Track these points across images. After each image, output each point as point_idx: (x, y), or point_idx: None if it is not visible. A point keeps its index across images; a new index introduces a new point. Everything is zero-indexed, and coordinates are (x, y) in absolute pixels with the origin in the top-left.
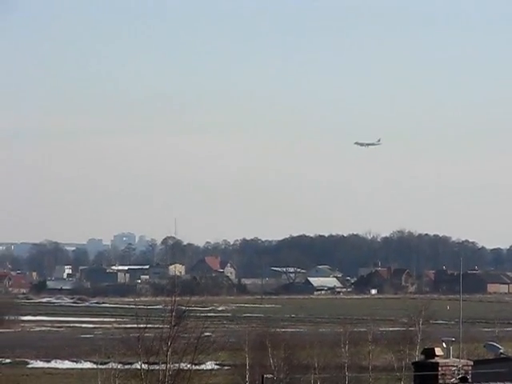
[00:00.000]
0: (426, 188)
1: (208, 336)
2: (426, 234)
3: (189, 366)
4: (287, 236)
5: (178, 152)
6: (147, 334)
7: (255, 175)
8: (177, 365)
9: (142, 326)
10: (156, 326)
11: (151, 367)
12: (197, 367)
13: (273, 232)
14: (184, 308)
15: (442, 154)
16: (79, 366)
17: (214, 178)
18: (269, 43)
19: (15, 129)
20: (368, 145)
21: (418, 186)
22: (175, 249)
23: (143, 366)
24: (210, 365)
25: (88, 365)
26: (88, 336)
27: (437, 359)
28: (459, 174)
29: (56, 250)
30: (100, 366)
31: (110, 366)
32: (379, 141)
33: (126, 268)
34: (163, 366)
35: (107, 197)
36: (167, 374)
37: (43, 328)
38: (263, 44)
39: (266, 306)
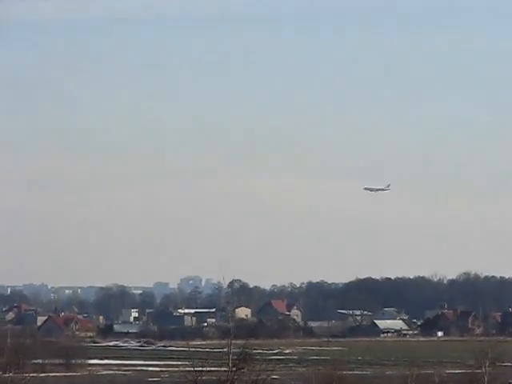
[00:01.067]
0: (492, 230)
1: (266, 378)
2: (493, 276)
3: None
4: (353, 279)
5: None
6: (210, 378)
7: (320, 217)
8: None
9: (198, 369)
10: (214, 368)
11: None
12: None
13: (339, 275)
14: (244, 350)
15: (502, 195)
16: None
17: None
18: None
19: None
20: (378, 190)
21: (484, 227)
22: (242, 292)
23: None
24: None
25: None
26: (155, 379)
27: None
28: None
29: (123, 293)
30: None
31: None
32: (388, 186)
33: (192, 311)
34: None
35: (174, 240)
36: None
37: (110, 372)
38: None
39: (333, 348)
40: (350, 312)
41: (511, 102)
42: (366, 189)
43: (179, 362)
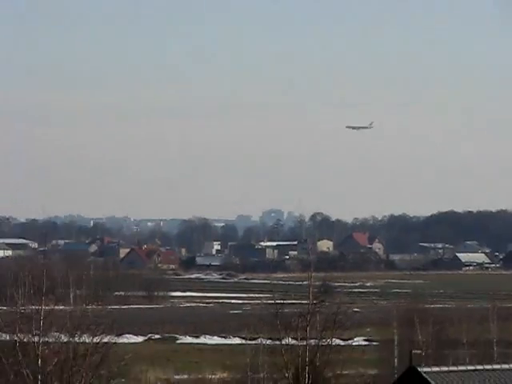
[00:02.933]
0: None
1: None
2: None
3: (329, 341)
4: (435, 212)
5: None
6: (292, 310)
7: (407, 152)
8: (317, 341)
9: (279, 301)
10: (294, 301)
11: (294, 342)
12: (345, 343)
13: (421, 208)
14: (325, 283)
15: None
16: (228, 341)
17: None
18: None
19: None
20: (359, 128)
21: None
22: (323, 225)
23: (283, 341)
24: (358, 341)
25: (237, 340)
26: (237, 312)
27: None
28: None
29: (205, 226)
30: (248, 342)
31: (258, 341)
32: (371, 124)
33: (274, 244)
34: (304, 342)
35: (258, 172)
36: (307, 349)
37: (192, 304)
38: None
39: (414, 281)
40: (432, 245)
41: None
42: (348, 127)
43: (261, 295)
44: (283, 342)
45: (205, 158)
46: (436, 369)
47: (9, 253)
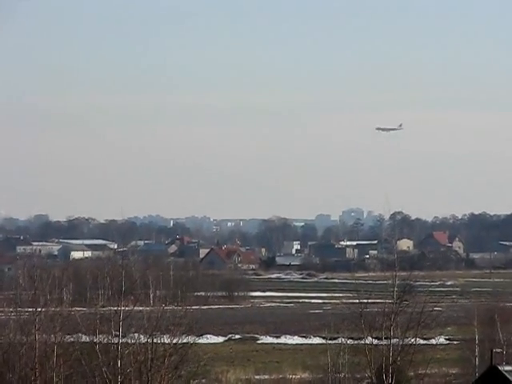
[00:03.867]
0: None
1: (432, 310)
2: None
3: (413, 340)
4: None
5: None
6: (373, 310)
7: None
8: (401, 340)
9: (363, 301)
10: (378, 300)
11: (377, 342)
12: (426, 342)
13: (501, 206)
14: (408, 282)
15: None
16: (308, 341)
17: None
18: None
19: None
20: (390, 130)
21: None
22: (403, 224)
23: (367, 341)
24: (439, 339)
25: (317, 340)
26: (317, 311)
27: None
28: None
29: (285, 225)
30: (329, 342)
31: (339, 341)
32: (401, 125)
33: (354, 243)
34: (388, 342)
35: (335, 173)
36: (391, 348)
37: (272, 304)
38: None
39: (495, 280)
40: None
41: None
42: (378, 129)
43: (341, 294)
44: (366, 342)
45: (285, 157)
46: None
47: (88, 254)
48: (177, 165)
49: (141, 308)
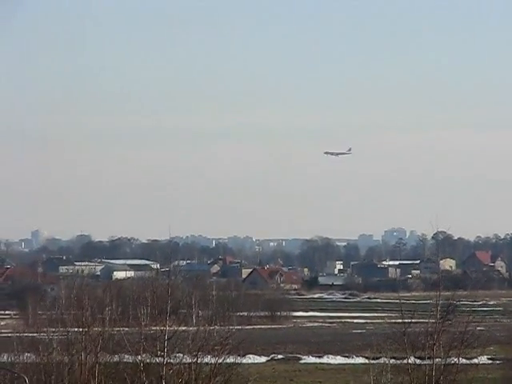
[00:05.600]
0: None
1: (473, 330)
2: None
3: (455, 360)
4: None
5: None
6: (416, 329)
7: None
8: (444, 359)
9: (407, 320)
10: (421, 320)
11: (419, 362)
12: (467, 361)
13: None
14: (451, 302)
15: None
16: (351, 361)
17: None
18: None
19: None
20: (338, 154)
21: None
22: (446, 243)
23: (410, 360)
24: (481, 359)
25: (360, 360)
26: (359, 331)
27: None
28: None
29: (327, 245)
30: (372, 361)
31: (381, 360)
32: (350, 150)
33: (396, 263)
34: (430, 361)
35: (378, 193)
36: (434, 368)
37: (315, 323)
38: None
39: None
40: None
41: None
42: (326, 153)
43: (384, 314)
44: (409, 361)
45: (327, 177)
46: None
47: (131, 274)
48: (220, 185)
49: (184, 328)
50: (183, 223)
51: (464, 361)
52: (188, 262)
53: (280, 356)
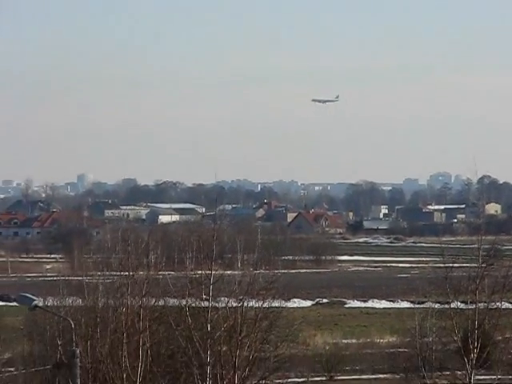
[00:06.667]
0: None
1: None
2: None
3: (498, 304)
4: None
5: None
6: (459, 274)
7: None
8: (487, 304)
9: (449, 265)
10: (464, 264)
11: (463, 306)
12: (510, 306)
13: None
14: (495, 246)
15: None
16: (396, 305)
17: None
18: None
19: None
20: (325, 101)
21: None
22: (491, 188)
23: (453, 305)
24: None
25: (405, 304)
26: (404, 276)
27: None
28: None
29: (372, 189)
30: (416, 306)
31: (426, 305)
32: (337, 97)
33: (442, 207)
34: (473, 306)
35: (423, 136)
36: (477, 312)
37: (360, 268)
38: None
39: None
40: None
41: None
42: (313, 100)
43: (429, 258)
44: (452, 306)
45: (371, 122)
46: None
47: (176, 218)
48: (264, 129)
49: (230, 272)
50: (229, 167)
51: (507, 305)
52: (233, 206)
53: (325, 300)
